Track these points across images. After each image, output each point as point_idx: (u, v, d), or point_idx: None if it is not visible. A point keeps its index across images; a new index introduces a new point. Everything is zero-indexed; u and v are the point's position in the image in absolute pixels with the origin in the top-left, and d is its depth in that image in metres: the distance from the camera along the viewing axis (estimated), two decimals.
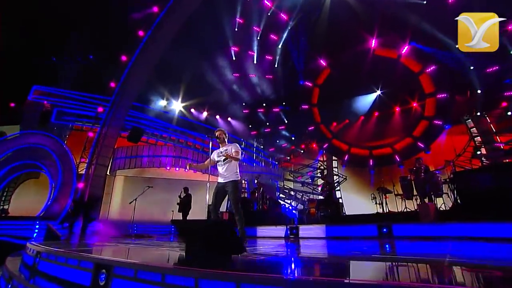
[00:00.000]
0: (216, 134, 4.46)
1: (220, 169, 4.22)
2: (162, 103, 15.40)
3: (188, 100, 15.49)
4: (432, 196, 8.07)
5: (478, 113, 10.24)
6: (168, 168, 14.07)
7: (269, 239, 7.22)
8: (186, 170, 4.40)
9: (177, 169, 14.29)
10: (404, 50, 10.41)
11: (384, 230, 6.38)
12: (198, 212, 11.76)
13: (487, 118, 11.86)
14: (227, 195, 4.18)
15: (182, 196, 9.76)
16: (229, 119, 16.39)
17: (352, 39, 11.15)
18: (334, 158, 16.36)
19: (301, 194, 17.77)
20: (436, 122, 11.35)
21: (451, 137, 12.22)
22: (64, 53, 14.46)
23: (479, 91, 9.83)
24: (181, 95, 15.38)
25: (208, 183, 5.82)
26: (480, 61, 8.44)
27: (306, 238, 7.08)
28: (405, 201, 9.10)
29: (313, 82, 13.44)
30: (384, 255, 3.48)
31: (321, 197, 10.28)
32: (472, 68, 9.30)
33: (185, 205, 9.64)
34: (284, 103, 14.31)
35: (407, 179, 8.59)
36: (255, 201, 10.38)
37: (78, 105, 13.84)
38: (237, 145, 4.48)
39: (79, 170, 12.68)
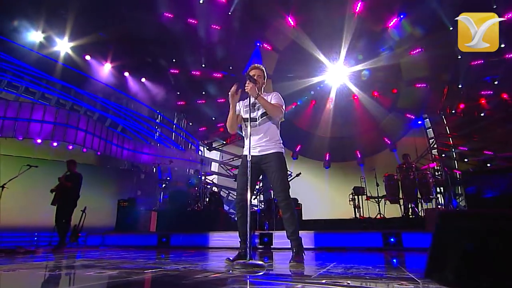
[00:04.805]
0: (251, 73, 3.34)
1: (254, 132, 3.18)
2: (35, 37, 11.65)
3: (81, 39, 12.14)
4: (421, 201, 8.41)
5: (453, 111, 11.47)
6: (39, 141, 10.80)
7: (228, 250, 6.21)
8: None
9: (55, 144, 11.17)
10: (392, 23, 10.64)
11: (392, 239, 6.22)
12: (99, 211, 9.41)
13: (444, 118, 13.58)
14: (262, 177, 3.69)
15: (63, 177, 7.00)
16: (143, 79, 13.91)
17: None
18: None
19: (228, 192, 16.95)
20: (409, 115, 12.24)
21: (413, 136, 13.46)
22: None
23: (460, 86, 10.97)
24: (69, 29, 11.86)
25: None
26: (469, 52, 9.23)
27: (283, 249, 6.33)
28: (378, 204, 9.34)
29: (273, 45, 12.56)
30: None
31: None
32: (460, 57, 10.20)
33: (67, 192, 6.90)
34: (230, 68, 12.93)
35: (394, 179, 8.73)
36: (194, 197, 8.94)
37: None
38: (280, 95, 3.39)
39: None
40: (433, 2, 9.46)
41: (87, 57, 12.68)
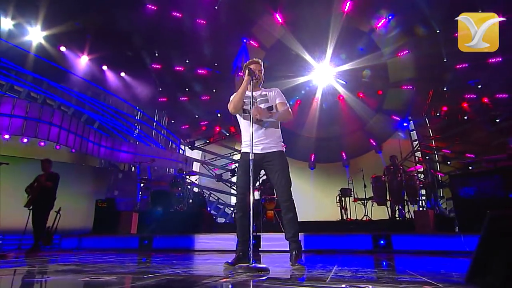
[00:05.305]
0: (252, 67, 3.31)
1: (257, 128, 3.14)
2: (4, 24, 11.02)
3: (56, 28, 11.59)
4: (408, 203, 8.59)
5: (438, 114, 11.80)
6: (7, 137, 10.28)
7: (214, 253, 6.09)
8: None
9: (25, 140, 10.67)
10: (380, 24, 10.83)
11: (382, 242, 6.29)
12: (75, 212, 9.05)
13: (427, 121, 13.98)
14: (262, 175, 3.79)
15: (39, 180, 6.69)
16: (123, 74, 13.50)
17: None
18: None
19: (209, 193, 16.77)
20: (395, 117, 12.50)
21: (398, 138, 13.75)
22: None
23: (445, 89, 11.30)
24: (42, 16, 11.28)
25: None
26: (454, 54, 9.56)
27: (272, 252, 6.33)
28: (365, 206, 9.45)
29: (260, 42, 12.51)
30: None
31: None
32: (445, 60, 10.50)
33: (46, 192, 6.68)
34: (216, 64, 12.76)
35: (381, 180, 8.85)
36: (177, 197, 8.75)
37: None
38: (280, 92, 3.47)
39: None
40: (421, 5, 9.69)
41: (62, 48, 12.15)
